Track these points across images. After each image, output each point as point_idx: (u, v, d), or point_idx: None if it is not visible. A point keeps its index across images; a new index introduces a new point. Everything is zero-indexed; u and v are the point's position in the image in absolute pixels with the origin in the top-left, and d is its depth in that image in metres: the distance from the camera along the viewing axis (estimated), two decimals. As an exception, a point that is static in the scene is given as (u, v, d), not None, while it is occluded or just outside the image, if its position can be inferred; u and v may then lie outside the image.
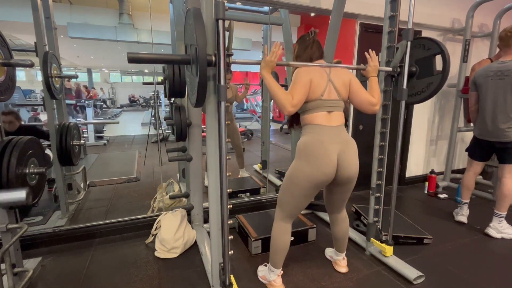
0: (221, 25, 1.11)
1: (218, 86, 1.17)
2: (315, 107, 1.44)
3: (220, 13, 1.09)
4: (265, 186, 3.03)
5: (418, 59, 1.76)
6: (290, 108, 1.36)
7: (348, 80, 1.50)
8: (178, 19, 2.18)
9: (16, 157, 1.39)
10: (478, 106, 2.34)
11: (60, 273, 1.78)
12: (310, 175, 1.39)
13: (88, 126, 5.66)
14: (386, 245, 1.85)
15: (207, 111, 1.29)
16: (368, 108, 1.50)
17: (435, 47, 1.68)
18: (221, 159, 1.22)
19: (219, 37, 1.12)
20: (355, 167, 1.46)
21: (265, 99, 3.51)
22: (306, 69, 1.45)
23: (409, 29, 1.63)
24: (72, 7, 6.08)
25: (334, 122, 1.45)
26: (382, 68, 1.71)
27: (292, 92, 1.39)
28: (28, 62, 1.49)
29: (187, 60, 1.22)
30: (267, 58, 1.38)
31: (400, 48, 1.69)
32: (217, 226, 1.34)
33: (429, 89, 1.72)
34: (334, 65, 1.54)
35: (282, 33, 3.10)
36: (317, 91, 1.42)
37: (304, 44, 1.54)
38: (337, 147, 1.41)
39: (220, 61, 1.14)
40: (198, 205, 2.22)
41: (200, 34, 1.07)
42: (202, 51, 1.08)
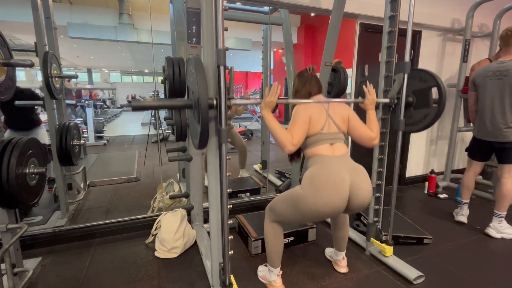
0: (222, 71, 1.15)
1: (219, 129, 1.19)
2: (316, 140, 1.45)
3: (221, 60, 1.13)
4: (265, 186, 3.03)
5: (415, 90, 1.79)
6: (290, 147, 1.38)
7: (347, 115, 1.52)
8: (178, 19, 2.18)
9: (16, 157, 1.39)
10: (477, 106, 2.34)
11: (60, 273, 1.78)
12: (316, 209, 1.35)
13: (88, 126, 5.66)
14: (386, 245, 1.85)
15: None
16: (368, 143, 1.53)
17: (431, 80, 1.70)
18: (221, 159, 1.22)
19: (220, 82, 1.15)
20: (368, 195, 1.41)
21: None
22: (305, 106, 1.47)
23: (406, 62, 1.67)
24: (72, 7, 6.08)
25: (337, 152, 1.44)
26: (380, 100, 1.75)
27: (292, 131, 1.40)
28: (28, 62, 1.49)
29: (189, 105, 1.26)
30: (267, 99, 1.39)
31: (397, 80, 1.73)
32: (217, 226, 1.34)
33: (425, 120, 1.74)
34: (332, 100, 1.56)
35: (282, 33, 3.10)
36: (317, 126, 1.44)
37: (303, 79, 1.58)
38: (347, 177, 1.36)
39: (221, 104, 1.16)
40: (198, 205, 2.22)
41: (201, 82, 1.11)
42: (203, 98, 1.10)
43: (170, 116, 2.39)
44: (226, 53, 1.17)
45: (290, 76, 3.12)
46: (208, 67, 1.23)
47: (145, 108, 1.22)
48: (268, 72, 3.36)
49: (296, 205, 1.40)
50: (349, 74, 2.55)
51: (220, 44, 1.12)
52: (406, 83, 1.69)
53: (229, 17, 2.89)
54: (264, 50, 3.34)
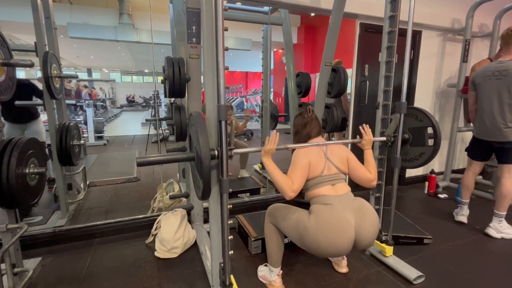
0: (223, 125, 1.18)
1: (221, 180, 1.22)
2: (317, 182, 1.46)
3: (222, 115, 1.17)
4: (265, 186, 3.03)
5: (411, 127, 1.82)
6: (290, 193, 1.38)
7: (346, 156, 1.54)
8: (178, 19, 2.18)
9: (16, 157, 1.39)
10: (477, 106, 2.34)
11: (60, 273, 1.78)
12: (318, 247, 1.33)
13: (88, 126, 5.66)
14: (386, 245, 1.85)
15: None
16: (366, 184, 1.56)
17: (426, 120, 1.74)
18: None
19: (222, 135, 1.19)
20: (375, 235, 1.40)
21: (265, 99, 3.50)
22: (304, 151, 1.49)
23: (403, 103, 1.71)
24: (72, 7, 6.08)
25: (340, 192, 1.45)
26: (377, 139, 1.79)
27: (292, 177, 1.42)
28: (28, 62, 1.49)
29: (192, 158, 1.29)
30: (266, 147, 1.42)
31: (393, 120, 1.77)
32: (217, 226, 1.34)
33: (421, 158, 1.79)
34: (330, 142, 1.58)
35: (282, 33, 3.10)
36: (317, 170, 1.46)
37: (303, 121, 1.60)
38: (352, 218, 1.35)
39: (222, 155, 1.20)
40: (198, 205, 2.22)
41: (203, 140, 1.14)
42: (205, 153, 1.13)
43: (169, 115, 2.39)
44: (226, 53, 1.17)
45: (290, 76, 3.12)
46: (210, 119, 1.26)
47: (150, 164, 1.28)
48: (268, 72, 3.36)
49: (300, 234, 1.39)
50: (349, 74, 2.56)
51: (221, 100, 1.17)
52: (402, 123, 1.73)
53: (229, 17, 2.90)
54: (264, 50, 3.34)
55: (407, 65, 1.70)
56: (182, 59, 1.85)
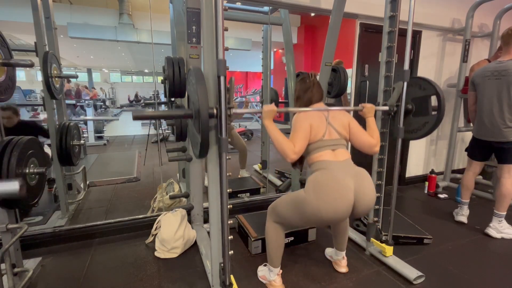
0: (222, 81, 1.16)
1: (220, 139, 1.20)
2: (318, 147, 1.45)
3: (221, 70, 1.14)
4: (265, 186, 3.03)
5: (414, 98, 1.79)
6: (292, 155, 1.37)
7: (347, 122, 1.52)
8: (178, 19, 2.18)
9: (16, 157, 1.39)
10: (476, 106, 2.35)
11: (60, 273, 1.78)
12: (320, 214, 1.34)
13: (88, 126, 5.66)
14: (386, 245, 1.85)
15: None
16: (369, 150, 1.53)
17: (430, 88, 1.70)
18: (222, 168, 1.23)
19: (221, 92, 1.16)
20: (373, 200, 1.42)
21: (265, 99, 3.50)
22: (305, 115, 1.48)
23: (406, 70, 1.67)
24: (72, 7, 6.07)
25: (340, 158, 1.44)
26: (379, 108, 1.76)
27: (293, 140, 1.40)
28: (28, 62, 1.49)
29: (190, 115, 1.26)
30: (266, 108, 1.40)
31: (396, 88, 1.74)
32: (217, 226, 1.34)
33: (425, 128, 1.74)
34: (332, 108, 1.55)
35: (282, 33, 3.10)
36: (318, 134, 1.45)
37: (304, 86, 1.57)
38: (352, 182, 1.35)
39: (221, 113, 1.17)
40: (198, 205, 2.22)
41: (202, 93, 1.11)
42: (204, 108, 1.11)
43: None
44: (226, 53, 1.17)
45: (290, 76, 3.12)
46: (208, 76, 1.23)
47: (146, 118, 1.23)
48: (268, 72, 3.36)
49: (300, 209, 1.40)
50: (349, 74, 2.56)
51: (220, 54, 1.13)
52: (405, 91, 1.70)
53: (229, 17, 2.89)
54: (264, 50, 3.34)
55: (407, 65, 1.69)
56: (182, 59, 1.85)
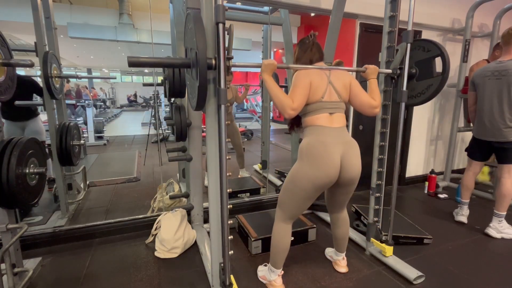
0: (221, 29, 1.12)
1: (218, 90, 1.17)
2: (316, 109, 1.44)
3: (220, 16, 1.10)
4: (265, 186, 3.02)
5: (418, 61, 1.76)
6: (290, 111, 1.37)
7: (349, 82, 1.50)
8: (178, 19, 2.18)
9: (16, 157, 1.39)
10: (476, 106, 2.34)
11: (60, 273, 1.78)
12: (313, 177, 1.38)
13: (88, 126, 5.66)
14: (386, 245, 1.85)
15: (207, 113, 1.29)
16: (369, 111, 1.51)
17: (435, 49, 1.68)
18: (221, 159, 1.22)
19: (219, 40, 1.12)
20: (357, 169, 1.46)
21: (265, 99, 3.51)
22: (305, 72, 1.45)
23: (409, 31, 1.63)
24: (72, 7, 6.07)
25: (335, 124, 1.44)
26: (382, 70, 1.72)
27: (292, 95, 1.39)
28: (28, 62, 1.49)
29: (187, 64, 1.22)
30: (266, 62, 1.38)
31: (400, 50, 1.70)
32: (217, 226, 1.34)
33: (428, 91, 1.72)
34: (334, 67, 1.54)
35: (282, 33, 3.10)
36: (318, 93, 1.42)
37: (304, 47, 1.55)
38: (340, 149, 1.40)
39: (220, 64, 1.14)
40: (198, 205, 2.22)
41: (200, 38, 1.07)
42: (202, 55, 1.08)
43: (170, 116, 2.39)
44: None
45: (290, 76, 3.12)
46: (206, 26, 1.18)
47: (142, 65, 1.16)
48: (268, 72, 3.35)
49: (296, 181, 1.43)
50: (349, 74, 2.56)
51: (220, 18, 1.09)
52: (408, 54, 1.65)
53: (229, 17, 2.89)
54: (264, 50, 3.34)
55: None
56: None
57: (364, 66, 1.61)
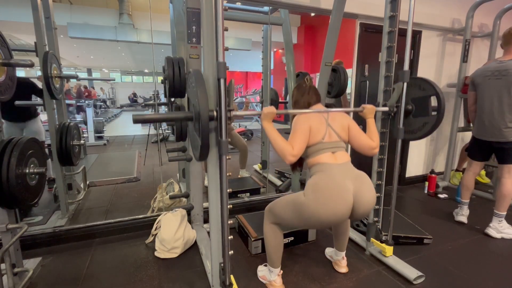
0: (222, 84, 1.16)
1: (220, 141, 1.20)
2: (318, 149, 1.45)
3: (221, 73, 1.15)
4: (265, 186, 3.03)
5: (414, 98, 1.79)
6: (290, 157, 1.37)
7: (347, 124, 1.53)
8: (178, 19, 2.18)
9: (16, 157, 1.39)
10: (476, 106, 2.34)
11: (60, 273, 1.78)
12: (319, 217, 1.33)
13: (88, 126, 5.65)
14: (386, 245, 1.85)
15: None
16: (368, 152, 1.54)
17: (430, 88, 1.71)
18: (222, 170, 1.23)
19: (221, 94, 1.17)
20: (372, 204, 1.41)
21: (265, 99, 3.50)
22: (305, 116, 1.48)
23: (405, 71, 1.68)
24: (72, 7, 6.08)
25: (340, 160, 1.44)
26: (379, 109, 1.77)
27: (292, 142, 1.40)
28: (28, 62, 1.49)
29: (190, 117, 1.26)
30: (266, 110, 1.40)
31: (396, 89, 1.74)
32: (217, 226, 1.34)
33: (424, 128, 1.75)
34: (331, 110, 1.56)
35: (282, 33, 3.10)
36: (318, 136, 1.45)
37: (301, 90, 1.61)
38: (351, 185, 1.36)
39: (221, 116, 1.18)
40: (198, 205, 2.22)
41: (202, 97, 1.12)
42: (204, 110, 1.11)
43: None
44: (226, 53, 1.17)
45: (290, 76, 3.12)
46: (208, 78, 1.23)
47: (147, 121, 1.25)
48: (268, 72, 3.36)
49: (299, 212, 1.39)
50: (349, 74, 2.55)
51: (220, 56, 1.14)
52: (405, 92, 1.70)
53: (229, 17, 2.89)
54: (264, 50, 3.34)
55: (407, 65, 1.69)
56: (182, 59, 1.85)
57: (361, 106, 1.65)
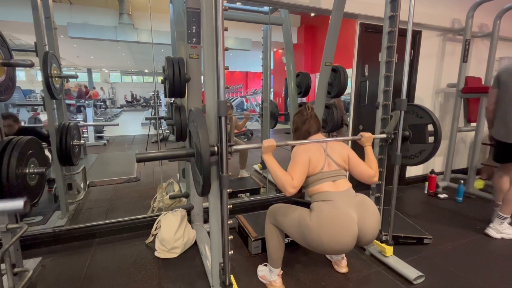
0: (223, 121, 1.18)
1: (221, 176, 1.22)
2: (318, 179, 1.45)
3: (222, 111, 1.17)
4: (265, 186, 3.02)
5: (411, 125, 1.81)
6: (291, 189, 1.37)
7: (346, 154, 1.54)
8: (178, 19, 2.18)
9: (16, 157, 1.39)
10: (496, 105, 2.18)
11: (60, 273, 1.78)
12: (322, 244, 1.32)
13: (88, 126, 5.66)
14: (386, 245, 1.85)
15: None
16: (368, 180, 1.55)
17: (427, 116, 1.73)
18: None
19: (222, 131, 1.19)
20: (377, 230, 1.40)
21: (265, 99, 3.50)
22: (304, 147, 1.49)
23: (403, 100, 1.70)
24: (72, 7, 6.08)
25: (341, 188, 1.44)
26: (377, 136, 1.79)
27: (291, 173, 1.41)
28: (28, 62, 1.49)
29: (192, 154, 1.29)
30: (266, 144, 1.42)
31: (394, 117, 1.76)
32: (217, 226, 1.34)
33: (422, 155, 1.77)
34: (330, 139, 1.57)
35: (282, 33, 3.10)
36: (317, 166, 1.45)
37: (302, 118, 1.60)
38: (355, 214, 1.35)
39: (222, 151, 1.20)
40: (198, 205, 2.22)
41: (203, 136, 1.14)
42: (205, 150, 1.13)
43: (169, 115, 2.39)
44: (226, 53, 1.17)
45: (290, 76, 3.12)
46: (209, 113, 1.26)
47: (150, 160, 1.28)
48: (268, 72, 3.36)
49: (302, 232, 1.39)
50: (349, 74, 2.56)
51: (221, 95, 1.17)
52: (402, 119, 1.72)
53: (229, 17, 2.90)
54: (264, 50, 3.34)
55: (407, 65, 1.70)
56: (182, 59, 1.85)
57: (359, 134, 1.67)
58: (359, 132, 1.70)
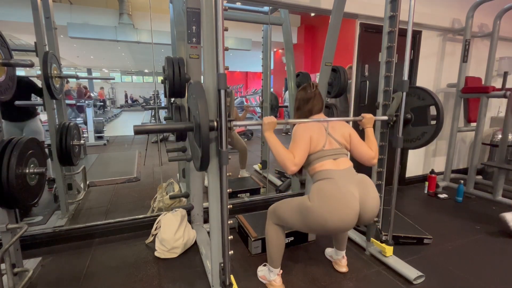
0: (222, 94, 1.17)
1: (220, 151, 1.21)
2: (319, 157, 1.44)
3: (221, 84, 1.16)
4: (265, 186, 3.03)
5: (413, 107, 1.79)
6: (292, 167, 1.37)
7: (348, 133, 1.53)
8: (178, 19, 2.18)
9: (16, 157, 1.39)
10: None
11: (60, 273, 1.78)
12: (325, 223, 1.31)
13: (88, 126, 5.65)
14: (386, 245, 1.85)
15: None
16: (368, 162, 1.54)
17: (429, 98, 1.71)
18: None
19: (221, 105, 1.18)
20: (377, 207, 1.40)
21: (265, 99, 3.50)
22: (305, 126, 1.48)
23: (405, 81, 1.68)
24: (72, 7, 6.08)
25: (342, 166, 1.43)
26: (378, 118, 1.77)
27: (293, 151, 1.40)
28: (28, 62, 1.49)
29: (191, 128, 1.27)
30: (267, 120, 1.40)
31: (395, 98, 1.75)
32: (217, 226, 1.34)
33: (423, 137, 1.75)
34: (331, 119, 1.55)
35: (282, 33, 3.10)
36: (319, 145, 1.45)
37: (305, 96, 1.56)
38: (356, 191, 1.35)
39: (221, 126, 1.19)
40: (198, 205, 2.22)
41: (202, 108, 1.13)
42: (204, 123, 1.12)
43: (170, 116, 2.39)
44: (226, 53, 1.17)
45: (290, 76, 3.12)
46: (208, 88, 1.24)
47: (147, 132, 1.26)
48: (268, 72, 3.36)
49: (304, 216, 1.38)
50: (349, 74, 2.55)
51: (220, 68, 1.15)
52: (404, 101, 1.70)
53: (229, 17, 2.89)
54: (264, 50, 3.34)
55: (407, 65, 1.69)
56: (182, 59, 1.85)
57: (361, 115, 1.65)
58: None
